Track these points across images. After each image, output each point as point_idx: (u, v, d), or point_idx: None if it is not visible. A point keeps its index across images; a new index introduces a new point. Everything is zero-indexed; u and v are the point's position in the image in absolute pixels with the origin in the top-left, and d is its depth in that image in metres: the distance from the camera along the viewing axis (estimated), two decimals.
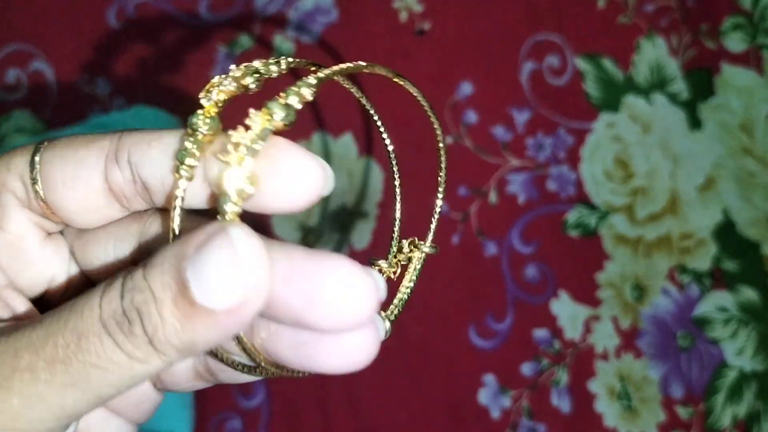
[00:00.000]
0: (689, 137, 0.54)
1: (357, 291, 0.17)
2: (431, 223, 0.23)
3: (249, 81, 0.19)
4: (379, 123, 0.22)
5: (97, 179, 0.20)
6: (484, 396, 0.50)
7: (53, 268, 0.22)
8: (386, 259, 0.24)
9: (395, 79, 0.21)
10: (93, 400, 0.17)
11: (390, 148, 0.23)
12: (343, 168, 0.53)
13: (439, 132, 0.22)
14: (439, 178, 0.23)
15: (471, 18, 0.56)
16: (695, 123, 0.54)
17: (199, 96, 0.20)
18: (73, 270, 0.23)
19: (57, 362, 0.17)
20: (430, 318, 0.51)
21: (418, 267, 0.24)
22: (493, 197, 0.53)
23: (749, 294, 0.52)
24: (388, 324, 0.21)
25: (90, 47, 0.55)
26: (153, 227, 0.21)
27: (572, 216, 0.53)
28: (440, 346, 0.51)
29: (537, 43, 0.55)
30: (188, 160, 0.18)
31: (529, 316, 0.51)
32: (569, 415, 0.50)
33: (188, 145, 0.19)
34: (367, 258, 0.26)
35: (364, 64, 0.20)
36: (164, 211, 0.21)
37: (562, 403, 0.50)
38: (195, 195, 0.19)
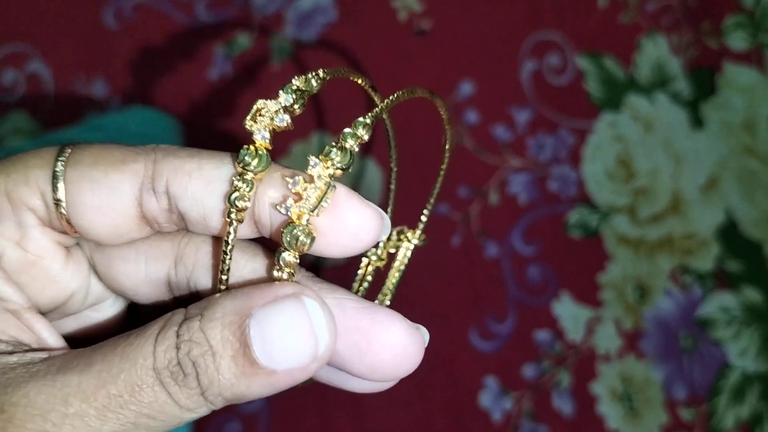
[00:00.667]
0: (691, 137, 0.54)
1: (409, 352, 0.18)
2: (423, 215, 0.23)
3: (297, 107, 0.19)
4: (392, 146, 0.22)
5: (131, 207, 0.19)
6: (485, 398, 0.50)
7: (74, 284, 0.21)
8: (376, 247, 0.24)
9: (433, 100, 0.21)
10: None
11: (394, 170, 0.23)
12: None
13: (448, 146, 0.22)
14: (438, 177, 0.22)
15: (471, 17, 0.55)
16: (697, 122, 0.54)
17: (246, 123, 0.19)
18: (94, 284, 0.22)
19: (108, 411, 0.17)
20: (430, 320, 0.51)
21: (408, 255, 0.24)
22: (493, 198, 0.53)
23: (752, 294, 0.51)
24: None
25: (87, 48, 0.55)
26: (189, 249, 0.21)
27: (573, 216, 0.53)
28: (441, 348, 0.50)
29: (537, 42, 0.55)
30: (240, 203, 0.18)
31: (531, 318, 0.51)
32: (571, 418, 0.50)
33: (239, 185, 0.18)
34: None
35: (407, 91, 0.21)
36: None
37: (563, 405, 0.50)
38: (240, 229, 0.19)
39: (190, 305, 0.18)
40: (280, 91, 0.19)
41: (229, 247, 0.18)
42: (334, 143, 0.18)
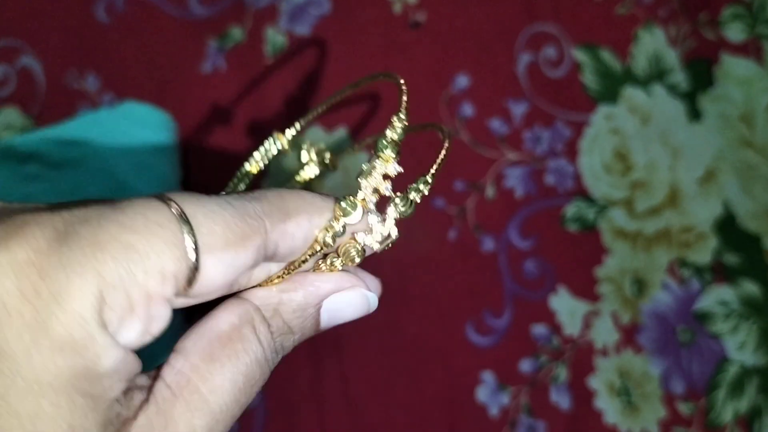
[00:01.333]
0: (689, 129, 0.53)
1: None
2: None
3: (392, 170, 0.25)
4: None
5: (246, 272, 0.21)
6: (482, 393, 0.50)
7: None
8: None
9: (445, 141, 0.26)
10: None
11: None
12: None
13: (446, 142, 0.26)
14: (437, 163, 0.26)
15: (466, 9, 0.55)
16: (695, 114, 0.54)
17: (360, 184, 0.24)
18: None
19: (239, 402, 0.22)
20: (426, 315, 0.50)
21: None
22: (490, 191, 0.52)
23: (750, 288, 0.51)
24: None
25: (79, 42, 0.54)
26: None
27: (570, 210, 0.52)
28: (437, 343, 0.50)
29: (533, 35, 0.55)
30: (338, 239, 0.22)
31: (528, 312, 0.51)
32: (569, 412, 0.49)
33: (338, 229, 0.22)
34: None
35: (444, 129, 0.27)
36: None
37: (561, 399, 0.49)
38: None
39: (259, 302, 0.22)
40: (390, 164, 0.24)
41: (309, 265, 0.23)
42: (399, 194, 0.24)
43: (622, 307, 0.51)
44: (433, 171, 0.24)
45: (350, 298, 0.23)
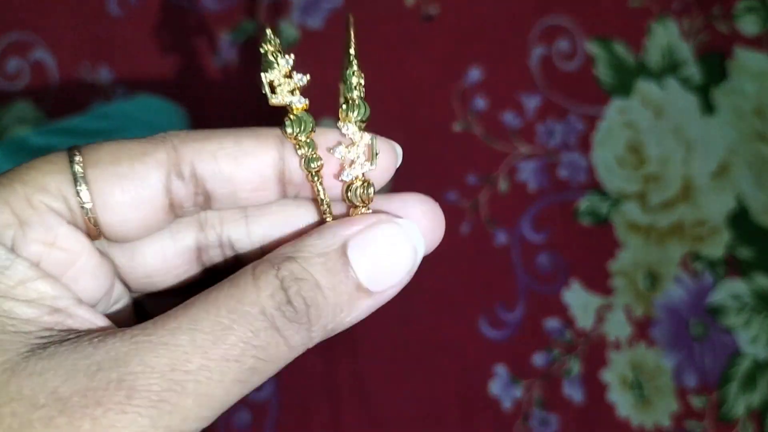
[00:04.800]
0: (702, 122, 0.53)
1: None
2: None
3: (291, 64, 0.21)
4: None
5: (160, 197, 0.19)
6: (495, 386, 0.50)
7: (107, 282, 0.21)
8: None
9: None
10: (247, 392, 0.18)
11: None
12: None
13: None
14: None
15: (479, 2, 0.55)
16: (708, 108, 0.53)
17: (271, 100, 0.20)
18: (117, 284, 0.22)
19: (231, 361, 0.17)
20: (440, 308, 0.50)
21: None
22: (503, 185, 0.52)
23: (763, 282, 0.51)
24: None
25: (91, 36, 0.54)
26: (210, 213, 0.22)
27: (584, 203, 0.52)
28: (451, 337, 0.50)
29: (547, 27, 0.54)
30: (314, 164, 0.20)
31: (541, 306, 0.51)
32: (581, 405, 0.49)
33: (305, 151, 0.20)
34: None
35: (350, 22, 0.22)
36: None
37: (574, 393, 0.50)
38: (265, 196, 0.21)
39: (274, 252, 0.19)
40: (276, 59, 0.20)
41: (327, 200, 0.20)
42: (343, 102, 0.20)
43: (634, 301, 0.51)
44: (351, 52, 0.20)
45: (381, 234, 0.19)
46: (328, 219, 0.21)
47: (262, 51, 0.20)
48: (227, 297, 0.18)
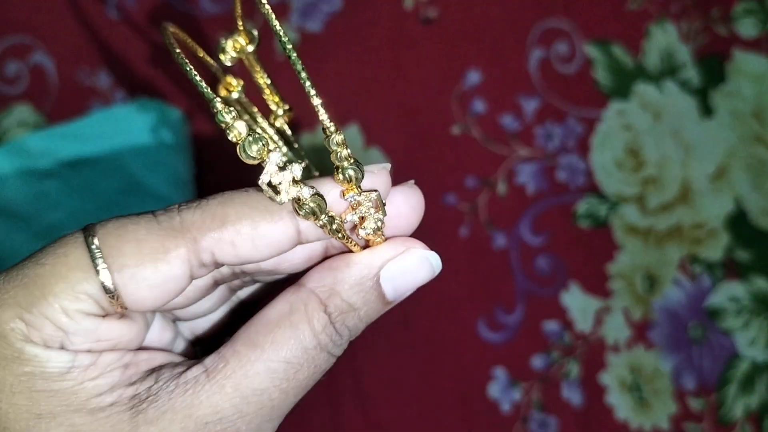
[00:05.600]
0: (700, 125, 0.53)
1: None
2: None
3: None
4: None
5: (185, 285, 0.21)
6: (494, 389, 0.50)
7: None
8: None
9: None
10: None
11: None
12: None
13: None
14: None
15: (477, 5, 0.55)
16: (706, 110, 0.54)
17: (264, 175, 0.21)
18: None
19: (301, 388, 0.23)
20: (438, 311, 0.51)
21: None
22: (501, 188, 0.52)
23: (762, 284, 0.51)
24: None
25: (91, 39, 0.54)
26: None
27: (582, 206, 0.52)
28: (449, 340, 0.50)
29: (545, 30, 0.54)
30: (339, 235, 0.22)
31: (539, 309, 0.51)
32: (580, 408, 0.49)
33: (324, 221, 0.21)
34: None
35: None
36: None
37: (573, 395, 0.50)
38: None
39: (316, 281, 0.22)
40: (266, 154, 0.21)
41: (351, 242, 0.23)
42: (336, 170, 0.21)
43: (633, 304, 0.51)
44: (311, 92, 0.21)
45: (407, 262, 0.23)
46: (352, 248, 0.23)
47: (251, 154, 0.20)
48: (290, 339, 0.21)
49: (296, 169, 0.20)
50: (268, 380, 0.21)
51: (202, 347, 0.29)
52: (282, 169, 0.20)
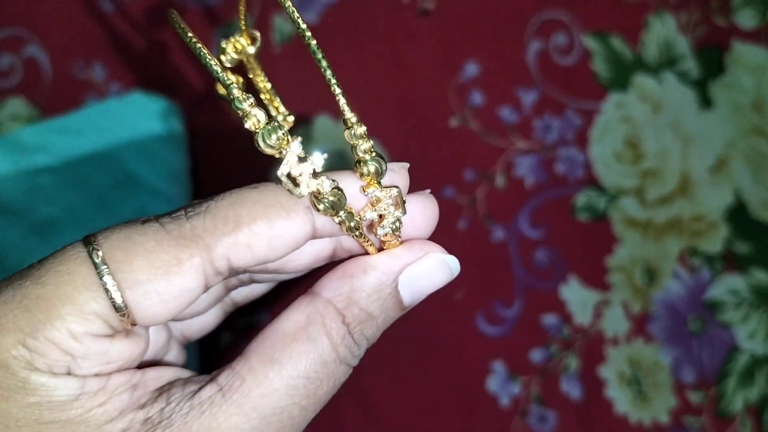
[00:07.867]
0: (700, 117, 0.53)
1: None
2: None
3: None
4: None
5: (199, 294, 0.20)
6: (493, 383, 0.49)
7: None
8: None
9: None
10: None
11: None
12: (347, 150, 0.52)
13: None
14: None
15: None
16: (706, 102, 0.53)
17: (280, 174, 0.20)
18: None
19: (321, 402, 0.22)
20: (436, 305, 0.50)
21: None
22: (500, 181, 0.52)
23: (761, 277, 0.51)
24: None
25: (85, 32, 0.54)
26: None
27: (581, 199, 0.52)
28: (448, 334, 0.50)
29: (544, 22, 0.54)
30: (357, 232, 0.21)
31: (538, 302, 0.51)
32: (579, 402, 0.49)
33: (344, 219, 0.20)
34: None
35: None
36: None
37: (572, 389, 0.49)
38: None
39: (329, 294, 0.21)
40: (285, 146, 0.20)
41: (368, 241, 0.22)
42: (358, 164, 0.21)
43: (632, 297, 0.51)
44: (332, 81, 0.21)
45: (426, 266, 0.22)
46: (368, 248, 0.22)
47: (270, 143, 0.20)
48: (309, 352, 0.21)
49: (317, 160, 0.19)
50: (288, 397, 0.20)
51: (193, 345, 0.29)
52: (302, 160, 0.19)
